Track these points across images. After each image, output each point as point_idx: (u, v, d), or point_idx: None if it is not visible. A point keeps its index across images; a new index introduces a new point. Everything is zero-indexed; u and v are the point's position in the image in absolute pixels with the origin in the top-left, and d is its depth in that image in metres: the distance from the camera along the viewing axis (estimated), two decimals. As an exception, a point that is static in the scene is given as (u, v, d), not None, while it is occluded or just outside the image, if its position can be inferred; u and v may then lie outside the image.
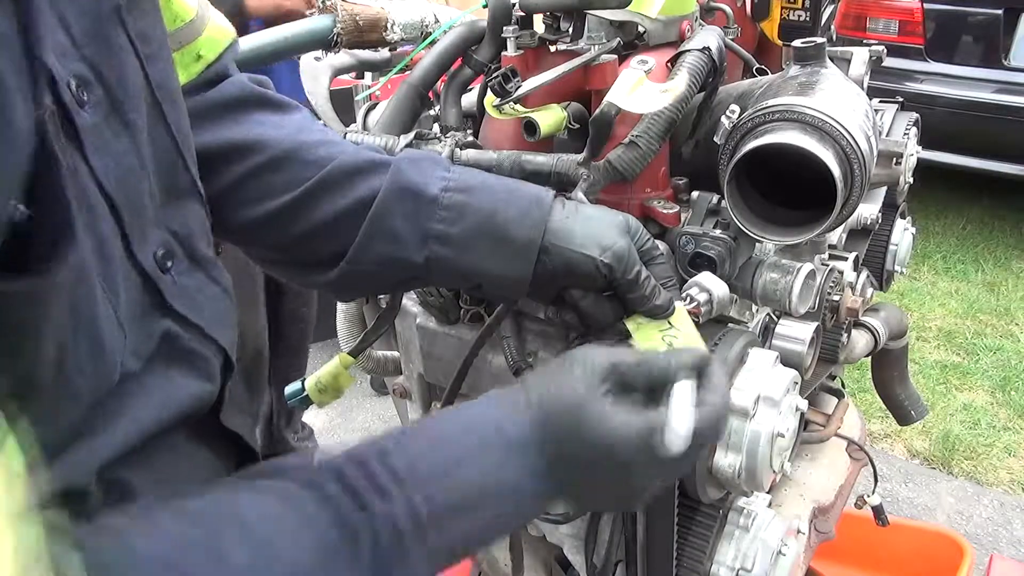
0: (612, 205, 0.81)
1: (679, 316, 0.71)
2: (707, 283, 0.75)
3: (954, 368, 2.86)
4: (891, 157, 1.05)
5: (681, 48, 0.83)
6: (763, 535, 0.86)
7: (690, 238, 0.79)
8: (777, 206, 0.77)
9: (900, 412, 1.44)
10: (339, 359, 0.80)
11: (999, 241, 3.75)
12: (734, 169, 0.73)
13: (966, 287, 3.39)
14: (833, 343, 1.08)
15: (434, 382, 1.00)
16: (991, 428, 2.57)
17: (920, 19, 3.64)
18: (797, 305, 0.80)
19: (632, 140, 0.76)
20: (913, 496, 2.34)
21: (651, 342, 0.69)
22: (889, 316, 1.24)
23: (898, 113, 1.15)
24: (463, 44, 0.89)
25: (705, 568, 0.84)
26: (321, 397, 0.80)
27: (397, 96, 0.88)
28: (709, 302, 0.74)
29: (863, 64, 1.01)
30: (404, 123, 0.87)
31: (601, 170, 0.77)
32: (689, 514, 0.86)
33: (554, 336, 0.87)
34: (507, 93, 0.81)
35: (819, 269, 0.90)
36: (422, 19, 0.94)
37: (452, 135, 0.83)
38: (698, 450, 0.53)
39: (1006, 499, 2.31)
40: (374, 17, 0.91)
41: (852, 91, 0.76)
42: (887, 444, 2.54)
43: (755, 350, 0.78)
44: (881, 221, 1.15)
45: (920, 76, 3.66)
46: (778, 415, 0.75)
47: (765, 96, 0.76)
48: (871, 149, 0.72)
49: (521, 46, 0.87)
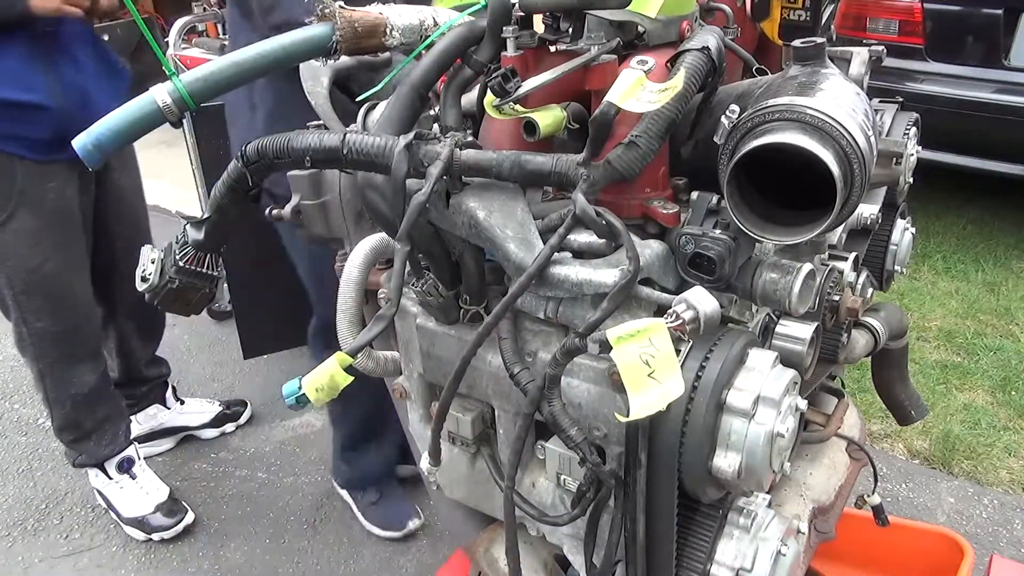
0: (612, 205, 0.81)
1: (660, 334, 0.70)
2: (695, 300, 0.73)
3: (954, 368, 2.86)
4: (891, 157, 1.05)
5: (681, 48, 0.83)
6: (763, 535, 0.86)
7: (690, 238, 0.79)
8: (777, 206, 0.77)
9: (900, 412, 1.44)
10: (336, 358, 0.80)
11: (999, 241, 3.75)
12: (734, 169, 0.73)
13: (966, 287, 3.39)
14: (833, 343, 1.08)
15: (434, 382, 1.00)
16: (991, 428, 2.57)
17: (920, 19, 3.64)
18: (797, 305, 0.80)
19: (632, 140, 0.76)
20: (913, 496, 2.34)
21: (629, 358, 0.69)
22: (889, 316, 1.24)
23: (898, 113, 1.15)
24: (463, 44, 0.89)
25: (705, 568, 0.84)
26: (318, 396, 0.80)
27: (397, 96, 0.88)
28: (696, 320, 0.72)
29: (863, 64, 1.01)
30: (404, 123, 0.87)
31: (601, 170, 0.77)
32: (689, 514, 0.86)
33: (553, 335, 0.87)
34: (507, 93, 0.81)
35: (819, 269, 0.90)
36: (421, 22, 0.94)
37: (452, 135, 0.83)
38: None
39: (1006, 499, 2.31)
40: (373, 23, 0.90)
41: (852, 91, 0.76)
42: (887, 444, 2.54)
43: (755, 350, 0.78)
44: (881, 221, 1.15)
45: (920, 76, 3.66)
46: (778, 415, 0.75)
47: (765, 96, 0.76)
48: (871, 149, 0.72)
49: (521, 46, 0.86)
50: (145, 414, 2.62)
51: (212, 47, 3.45)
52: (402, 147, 0.80)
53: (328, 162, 0.86)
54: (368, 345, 0.84)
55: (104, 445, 2.30)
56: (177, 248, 1.07)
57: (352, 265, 1.03)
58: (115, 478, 2.34)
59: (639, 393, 0.70)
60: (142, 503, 2.32)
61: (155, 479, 2.40)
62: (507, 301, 0.78)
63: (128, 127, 0.86)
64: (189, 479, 2.56)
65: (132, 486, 2.35)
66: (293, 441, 2.72)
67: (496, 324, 0.82)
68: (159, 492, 2.36)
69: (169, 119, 0.88)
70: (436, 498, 1.15)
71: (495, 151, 0.82)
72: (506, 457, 0.94)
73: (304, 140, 0.85)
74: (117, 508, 2.35)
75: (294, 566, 2.21)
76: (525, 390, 0.81)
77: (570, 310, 0.82)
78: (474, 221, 0.82)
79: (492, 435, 0.98)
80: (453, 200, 0.84)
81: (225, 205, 0.98)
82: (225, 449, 2.69)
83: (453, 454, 1.01)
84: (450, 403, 0.89)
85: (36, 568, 2.26)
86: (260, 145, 0.88)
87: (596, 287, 0.78)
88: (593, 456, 0.79)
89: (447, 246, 0.88)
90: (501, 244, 0.81)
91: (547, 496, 0.94)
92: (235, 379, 3.08)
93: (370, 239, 1.04)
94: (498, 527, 1.13)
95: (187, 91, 0.87)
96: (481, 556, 1.13)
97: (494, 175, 0.81)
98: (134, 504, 2.33)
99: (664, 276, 0.82)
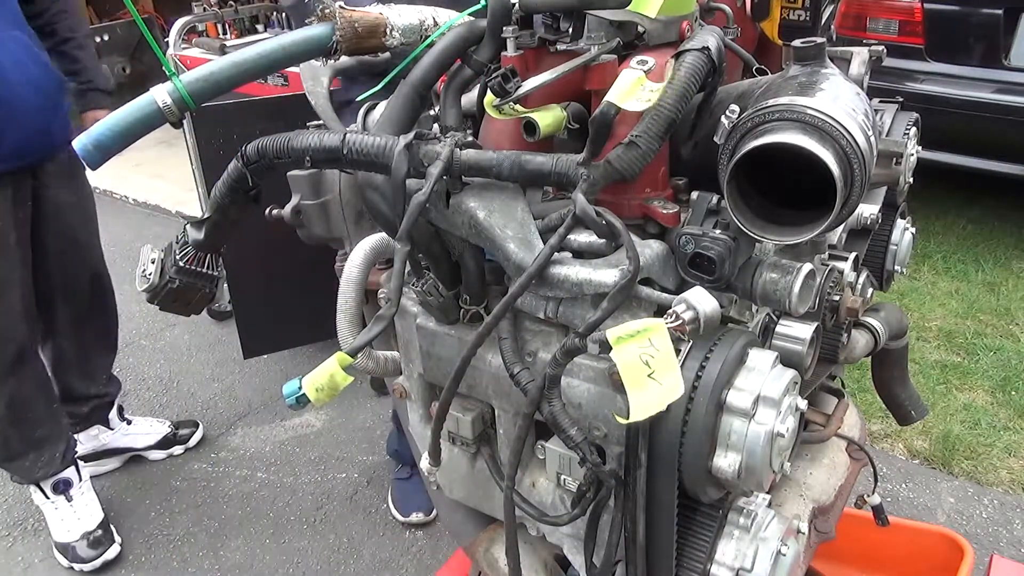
0: (612, 205, 0.81)
1: (660, 334, 0.70)
2: (695, 300, 0.73)
3: (954, 368, 2.86)
4: (891, 157, 1.05)
5: (681, 48, 0.83)
6: (763, 535, 0.86)
7: (690, 238, 0.79)
8: (777, 206, 0.77)
9: (900, 412, 1.44)
10: (336, 357, 0.80)
11: (999, 241, 3.75)
12: (734, 169, 0.73)
13: (966, 287, 3.39)
14: (833, 343, 1.08)
15: (434, 382, 1.00)
16: (991, 428, 2.57)
17: (920, 19, 3.63)
18: (797, 305, 0.80)
19: (632, 140, 0.76)
20: (913, 496, 2.34)
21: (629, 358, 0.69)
22: (889, 316, 1.24)
23: (898, 113, 1.15)
24: (463, 44, 0.89)
25: (705, 568, 0.84)
26: (318, 395, 0.80)
27: (397, 96, 0.88)
28: (696, 320, 0.72)
29: (863, 64, 1.01)
30: (404, 123, 0.87)
31: (601, 170, 0.77)
32: (689, 514, 0.86)
33: (553, 335, 0.87)
34: (507, 93, 0.81)
35: (819, 269, 0.90)
36: (421, 22, 0.94)
37: (452, 135, 0.83)
38: None
39: (1006, 499, 2.31)
40: (373, 22, 0.90)
41: (852, 91, 0.76)
42: (887, 444, 2.54)
43: (755, 350, 0.78)
44: (881, 221, 1.15)
45: (920, 76, 3.66)
46: (778, 415, 0.75)
47: (765, 96, 0.76)
48: (871, 149, 0.72)
49: (521, 46, 0.87)
50: (87, 434, 2.52)
51: (212, 47, 3.45)
52: (402, 147, 0.80)
53: (328, 162, 0.87)
54: (368, 345, 0.84)
55: (40, 466, 2.21)
56: (177, 248, 1.08)
57: (352, 265, 1.03)
58: (51, 498, 2.27)
59: (639, 394, 0.70)
60: (71, 529, 2.24)
61: (92, 504, 2.31)
62: (507, 301, 0.79)
63: (128, 127, 0.86)
64: (189, 479, 2.56)
65: (66, 509, 2.26)
66: (293, 441, 2.72)
67: (496, 324, 0.82)
68: (91, 519, 2.27)
69: (169, 119, 0.88)
70: (436, 498, 1.15)
71: (495, 151, 0.82)
72: (506, 457, 0.94)
73: (304, 140, 0.85)
74: (50, 529, 2.29)
75: (294, 566, 2.22)
76: (525, 390, 0.81)
77: (570, 310, 0.82)
78: (474, 221, 0.82)
79: (492, 435, 0.98)
80: (453, 200, 0.84)
81: (225, 205, 0.98)
82: (225, 449, 2.69)
83: (453, 454, 1.01)
84: (450, 403, 0.89)
85: (36, 568, 2.26)
86: (260, 145, 0.88)
87: (596, 287, 0.78)
88: (593, 456, 0.79)
89: (447, 246, 0.88)
90: (501, 244, 0.81)
91: (547, 496, 0.94)
92: (235, 379, 3.08)
93: (370, 239, 1.04)
94: (498, 527, 1.13)
95: (187, 91, 0.87)
96: (481, 556, 1.13)
97: (494, 175, 0.81)
98: (63, 529, 2.26)
99: (664, 276, 0.82)
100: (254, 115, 2.36)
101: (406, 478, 2.35)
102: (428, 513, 2.29)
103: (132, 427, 2.63)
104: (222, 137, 2.39)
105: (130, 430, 2.62)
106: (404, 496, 2.33)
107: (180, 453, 2.67)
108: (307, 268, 1.97)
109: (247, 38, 3.64)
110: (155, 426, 2.67)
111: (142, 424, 2.66)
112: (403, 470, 2.38)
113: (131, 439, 2.61)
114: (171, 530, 2.35)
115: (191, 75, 0.89)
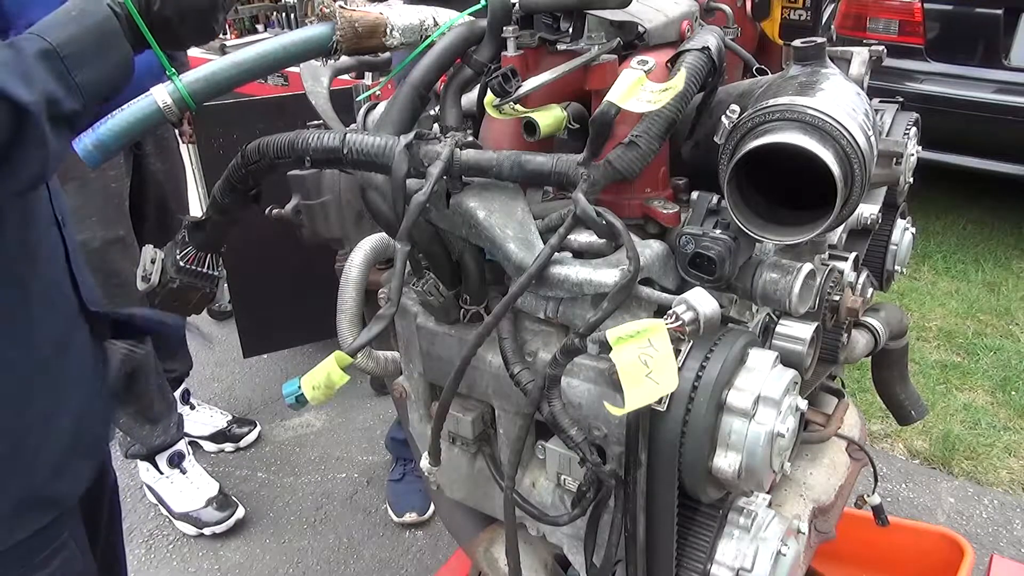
0: (612, 205, 0.81)
1: (659, 335, 0.70)
2: (695, 301, 0.73)
3: (954, 368, 2.86)
4: (891, 157, 1.05)
5: (681, 48, 0.83)
6: (763, 535, 0.86)
7: (690, 238, 0.79)
8: (777, 206, 0.77)
9: (900, 412, 1.44)
10: (334, 356, 0.80)
11: (999, 241, 3.75)
12: (734, 169, 0.73)
13: (966, 287, 3.39)
14: (833, 343, 1.08)
15: (434, 382, 1.00)
16: (991, 428, 2.57)
17: (920, 19, 3.63)
18: (797, 305, 0.80)
19: (632, 140, 0.76)
20: (913, 496, 2.34)
21: (628, 358, 0.69)
22: (889, 316, 1.25)
23: (898, 113, 1.15)
24: (463, 44, 0.89)
25: (705, 568, 0.84)
26: (314, 394, 0.81)
27: (397, 96, 0.88)
28: (696, 321, 0.72)
29: (863, 64, 1.01)
30: (404, 123, 0.87)
31: (601, 170, 0.77)
32: (689, 514, 0.86)
33: (553, 335, 0.87)
34: (507, 93, 0.81)
35: (819, 269, 0.90)
36: (421, 22, 0.93)
37: (452, 135, 0.83)
38: None
39: (1006, 499, 2.31)
40: (373, 23, 0.90)
41: (852, 91, 0.76)
42: (887, 444, 2.54)
43: (755, 350, 0.78)
44: (881, 221, 1.15)
45: (920, 76, 3.66)
46: (778, 415, 0.75)
47: (765, 96, 0.76)
48: (871, 149, 0.72)
49: (521, 46, 0.87)
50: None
51: (212, 47, 3.44)
52: (402, 147, 0.80)
53: (328, 162, 0.87)
54: (368, 344, 0.84)
55: (157, 436, 2.29)
56: (178, 248, 1.07)
57: (352, 265, 1.03)
58: (166, 473, 2.36)
59: (634, 389, 0.70)
60: (193, 498, 2.33)
61: (204, 474, 2.41)
62: (507, 301, 0.78)
63: (129, 127, 0.86)
64: (189, 479, 2.56)
65: (182, 481, 2.36)
66: (293, 441, 2.72)
67: (496, 324, 0.82)
68: (210, 487, 2.37)
69: (169, 119, 0.88)
70: (436, 498, 1.15)
71: (495, 151, 0.82)
72: (506, 457, 0.94)
73: (304, 140, 0.85)
74: (168, 503, 2.36)
75: (294, 566, 2.22)
76: (525, 390, 0.81)
77: (570, 310, 0.82)
78: (474, 221, 0.82)
79: (492, 435, 0.98)
80: (453, 200, 0.84)
81: (226, 205, 0.98)
82: (225, 449, 2.69)
83: (453, 454, 1.01)
84: (450, 403, 0.89)
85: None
86: (261, 145, 0.88)
87: (596, 287, 0.78)
88: (593, 456, 0.79)
89: (447, 246, 0.88)
90: (501, 244, 0.81)
91: (547, 496, 0.93)
92: (235, 379, 3.07)
93: (370, 239, 1.04)
94: (498, 527, 1.12)
95: (187, 91, 0.87)
96: (481, 556, 1.13)
97: (494, 175, 0.81)
98: (183, 500, 2.34)
99: (664, 276, 0.82)
100: (254, 115, 2.37)
101: (398, 479, 2.37)
102: (422, 513, 2.31)
103: (193, 412, 2.67)
104: (222, 137, 2.39)
105: (190, 415, 2.65)
106: (397, 497, 2.35)
107: (231, 451, 2.68)
108: (307, 268, 1.97)
109: (247, 38, 3.63)
110: (215, 417, 2.70)
111: (203, 412, 2.70)
112: (395, 471, 2.39)
113: (188, 426, 2.63)
114: (171, 529, 2.36)
115: (191, 75, 0.89)
